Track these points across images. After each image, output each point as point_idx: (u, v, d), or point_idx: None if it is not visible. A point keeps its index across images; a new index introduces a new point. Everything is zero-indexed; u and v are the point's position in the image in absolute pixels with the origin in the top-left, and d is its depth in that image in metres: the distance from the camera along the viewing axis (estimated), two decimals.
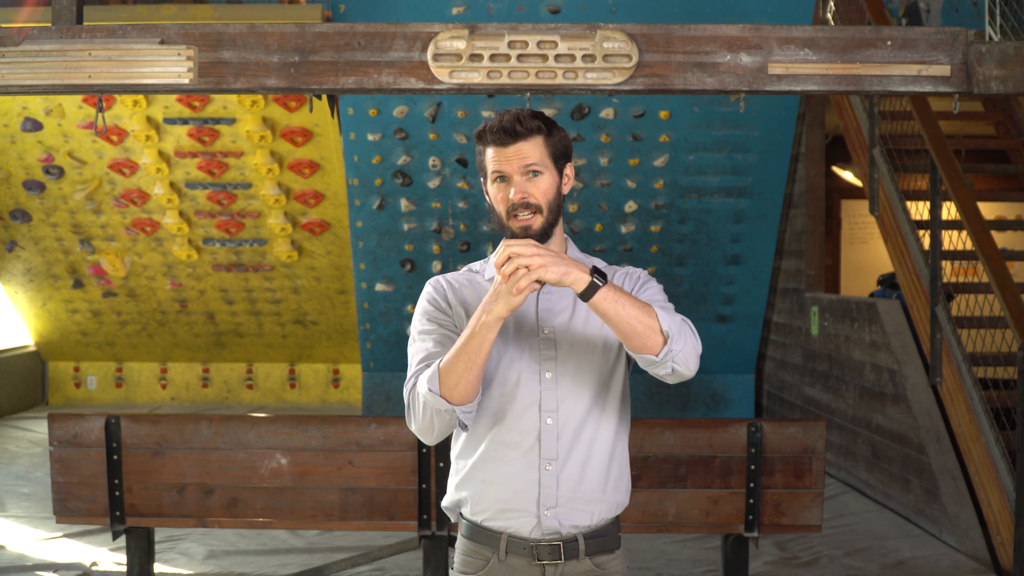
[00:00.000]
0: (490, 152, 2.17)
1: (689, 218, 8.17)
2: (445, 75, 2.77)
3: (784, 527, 4.09)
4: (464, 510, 2.23)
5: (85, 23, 2.90)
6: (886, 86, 2.78)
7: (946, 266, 5.93)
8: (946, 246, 5.95)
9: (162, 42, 2.79)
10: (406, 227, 8.15)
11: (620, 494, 2.22)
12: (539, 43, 2.76)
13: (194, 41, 2.79)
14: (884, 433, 6.34)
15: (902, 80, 2.78)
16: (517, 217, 2.14)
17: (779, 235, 8.54)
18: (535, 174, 2.15)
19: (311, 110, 3.07)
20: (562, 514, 2.15)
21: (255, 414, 5.12)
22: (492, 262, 2.26)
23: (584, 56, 2.76)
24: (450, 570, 2.28)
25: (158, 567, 4.95)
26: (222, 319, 9.72)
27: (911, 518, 5.97)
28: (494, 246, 8.09)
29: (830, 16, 7.29)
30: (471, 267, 2.31)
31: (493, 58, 2.76)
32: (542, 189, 2.15)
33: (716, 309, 8.65)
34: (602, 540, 2.20)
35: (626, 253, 8.33)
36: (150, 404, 10.06)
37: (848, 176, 9.97)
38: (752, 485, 4.01)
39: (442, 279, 2.26)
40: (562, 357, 2.16)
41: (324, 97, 7.51)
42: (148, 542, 4.36)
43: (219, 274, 9.31)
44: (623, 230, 8.21)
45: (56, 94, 3.64)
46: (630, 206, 8.05)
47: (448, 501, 2.27)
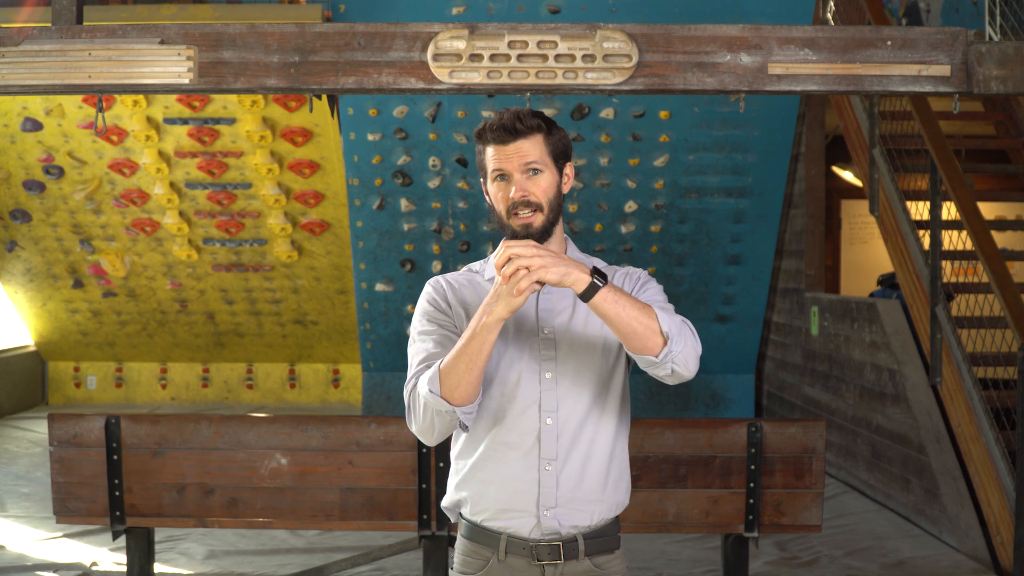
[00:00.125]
0: (490, 151, 2.17)
1: (689, 218, 8.17)
2: (445, 75, 2.77)
3: (784, 527, 4.09)
4: (464, 510, 2.23)
5: (85, 23, 2.90)
6: (886, 86, 2.78)
7: (946, 266, 5.93)
8: (946, 246, 5.95)
9: (162, 42, 2.79)
10: (406, 227, 8.15)
11: (620, 494, 2.22)
12: (539, 43, 2.76)
13: (194, 41, 2.79)
14: (884, 433, 6.34)
15: (902, 80, 2.78)
16: (517, 215, 2.14)
17: (779, 235, 8.54)
18: (535, 172, 2.15)
19: (311, 110, 3.07)
20: (562, 514, 2.15)
21: (255, 414, 5.12)
22: (492, 262, 2.26)
23: (584, 56, 2.76)
24: (450, 570, 2.28)
25: (158, 567, 4.95)
26: (222, 319, 9.72)
27: (911, 518, 5.97)
28: (494, 246, 8.09)
29: (830, 16, 7.29)
30: (471, 267, 2.31)
31: (493, 58, 2.76)
32: (542, 187, 2.15)
33: (716, 309, 8.65)
34: (602, 540, 2.20)
35: (626, 253, 8.32)
36: (150, 404, 10.06)
37: (848, 176, 9.97)
38: (752, 485, 4.01)
39: (442, 279, 2.26)
40: (562, 357, 2.16)
41: (324, 97, 7.51)
42: (148, 542, 4.36)
43: (219, 274, 9.31)
44: (623, 230, 8.21)
45: (56, 94, 3.64)
46: (630, 206, 8.05)
47: (448, 501, 2.26)
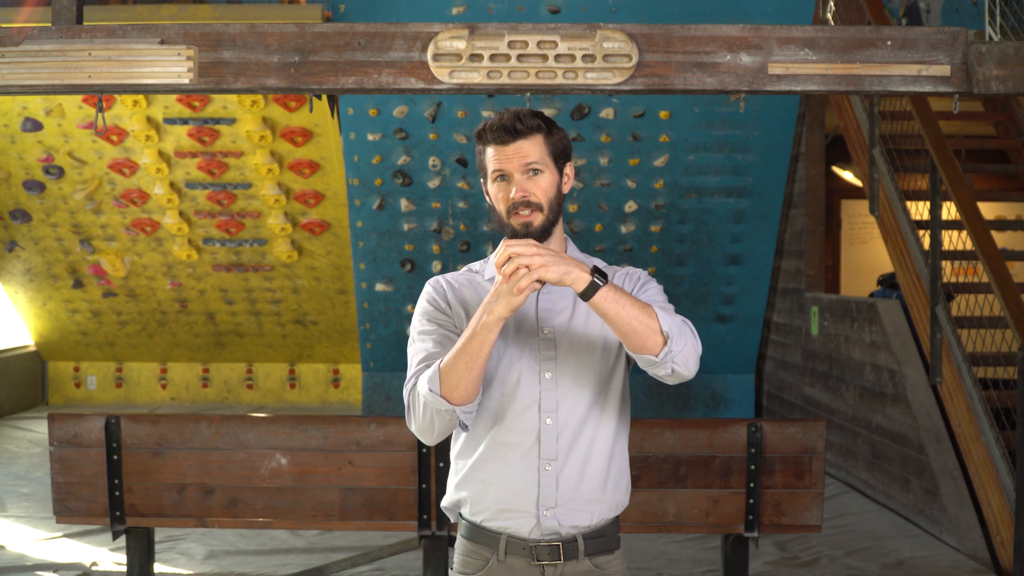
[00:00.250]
0: (490, 151, 2.17)
1: (689, 218, 8.17)
2: (445, 75, 2.77)
3: (784, 527, 4.08)
4: (463, 510, 2.23)
5: (85, 23, 2.90)
6: (886, 86, 2.78)
7: (946, 266, 5.93)
8: (946, 246, 5.95)
9: (162, 42, 2.79)
10: (406, 227, 8.15)
11: (620, 494, 2.22)
12: (539, 43, 2.76)
13: (194, 41, 2.79)
14: (884, 433, 6.34)
15: (902, 80, 2.78)
16: (518, 214, 2.14)
17: (779, 235, 8.54)
18: (535, 172, 2.15)
19: (311, 110, 3.07)
20: (561, 514, 2.15)
21: (255, 414, 5.12)
22: (492, 262, 2.26)
23: (584, 56, 2.76)
24: (450, 570, 2.28)
25: (158, 567, 4.95)
26: (222, 319, 9.72)
27: (911, 518, 5.97)
28: (494, 246, 8.09)
29: (830, 16, 7.29)
30: (471, 267, 2.31)
31: (493, 58, 2.76)
32: (543, 187, 2.15)
33: (716, 309, 8.65)
34: (602, 540, 2.20)
35: (626, 253, 8.32)
36: (150, 404, 10.06)
37: (848, 176, 9.97)
38: (752, 485, 4.01)
39: (442, 279, 2.26)
40: (562, 357, 2.16)
41: (324, 97, 7.51)
42: (148, 542, 4.36)
43: (219, 274, 9.31)
44: (623, 230, 8.21)
45: (56, 94, 3.64)
46: (630, 206, 8.05)
47: (447, 501, 2.26)
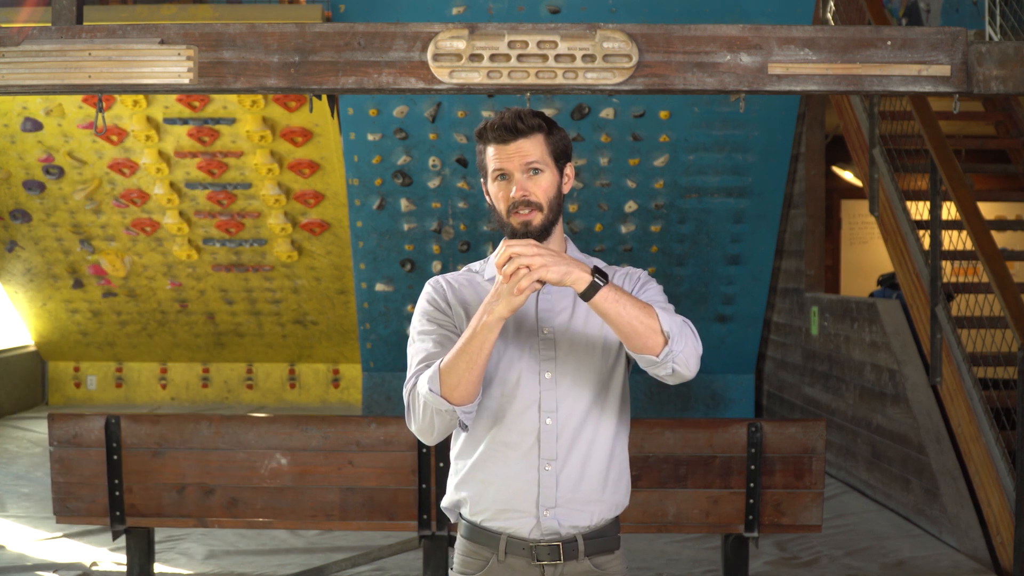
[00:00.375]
0: (491, 150, 2.17)
1: (689, 218, 8.17)
2: (445, 75, 2.77)
3: (784, 527, 4.08)
4: (463, 510, 2.23)
5: (85, 23, 2.90)
6: (886, 86, 2.78)
7: (946, 266, 5.93)
8: (946, 246, 5.95)
9: (162, 42, 2.79)
10: (406, 227, 8.15)
11: (620, 495, 2.22)
12: (539, 43, 2.76)
13: (194, 41, 2.79)
14: (884, 433, 6.34)
15: (902, 80, 2.78)
16: (518, 214, 2.14)
17: (779, 235, 8.54)
18: (536, 172, 2.15)
19: (311, 110, 3.07)
20: (561, 514, 2.15)
21: (255, 414, 5.12)
22: (492, 262, 2.26)
23: (584, 56, 2.76)
24: (450, 570, 2.28)
25: (158, 567, 4.95)
26: (222, 319, 9.72)
27: (911, 518, 5.97)
28: (494, 246, 8.09)
29: (830, 16, 7.29)
30: (471, 267, 2.31)
31: (493, 58, 2.76)
32: (543, 187, 2.15)
33: (716, 309, 8.65)
34: (602, 540, 2.19)
35: (626, 253, 8.32)
36: (150, 404, 10.06)
37: (848, 176, 9.97)
38: (752, 485, 4.01)
39: (442, 279, 2.26)
40: (562, 357, 2.16)
41: (324, 97, 7.51)
42: (148, 542, 4.36)
43: (219, 274, 9.31)
44: (623, 230, 8.21)
45: (56, 94, 3.64)
46: (630, 206, 8.05)
47: (447, 501, 2.26)
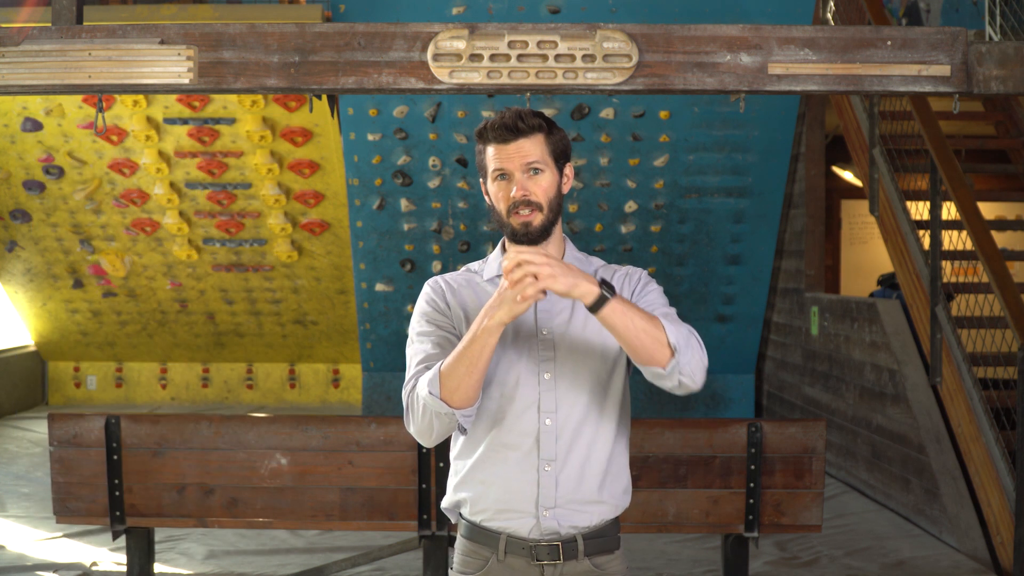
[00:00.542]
0: (491, 150, 2.17)
1: (689, 218, 8.17)
2: (445, 75, 2.77)
3: (784, 527, 4.08)
4: (463, 510, 2.22)
5: (85, 23, 2.90)
6: (886, 86, 2.78)
7: (946, 266, 5.93)
8: (946, 246, 5.95)
9: (162, 42, 2.79)
10: (406, 227, 8.15)
11: (619, 495, 2.22)
12: (539, 43, 2.76)
13: (194, 41, 2.79)
14: (884, 433, 6.34)
15: (902, 80, 2.78)
16: (518, 214, 2.14)
17: (779, 235, 8.54)
18: (536, 172, 2.15)
19: (311, 110, 3.07)
20: (561, 515, 2.15)
21: (255, 414, 5.12)
22: (491, 262, 2.26)
23: (584, 56, 2.76)
24: (450, 570, 2.28)
25: (158, 567, 4.95)
26: (222, 319, 9.72)
27: (911, 518, 5.97)
28: (494, 246, 8.06)
29: (830, 16, 7.29)
30: (470, 267, 2.31)
31: (493, 58, 2.76)
32: (543, 187, 2.15)
33: (716, 309, 8.65)
34: (601, 541, 2.19)
35: (626, 253, 8.32)
36: (150, 404, 10.06)
37: (848, 176, 9.97)
38: (752, 485, 4.01)
39: (440, 280, 2.26)
40: (561, 359, 2.16)
41: (324, 97, 7.51)
42: (148, 542, 4.36)
43: (219, 274, 9.31)
44: (623, 230, 8.21)
45: (56, 94, 3.64)
46: (630, 206, 8.05)
47: (448, 502, 2.26)
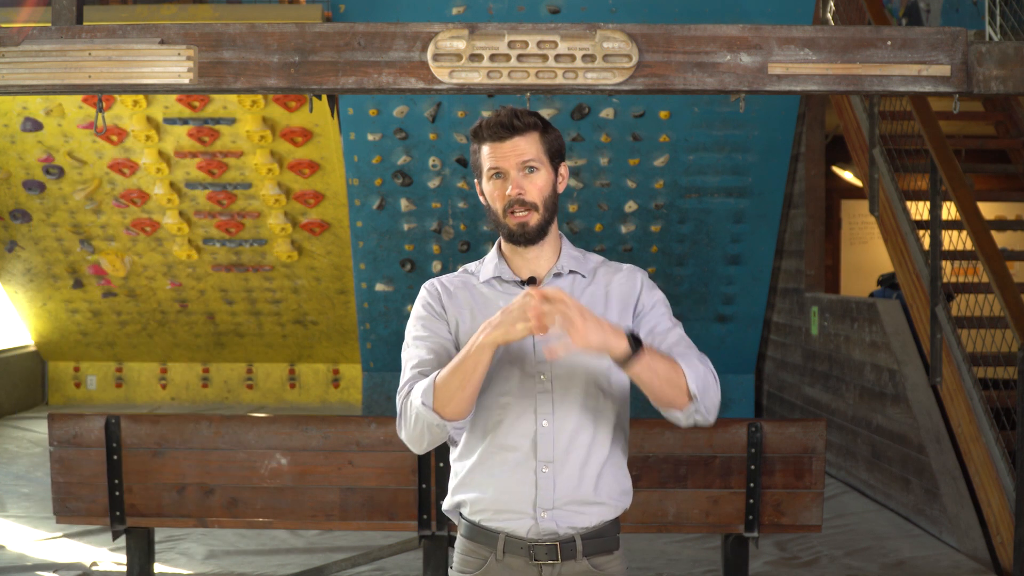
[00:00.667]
0: (486, 149, 2.17)
1: (689, 218, 8.17)
2: (445, 75, 2.77)
3: (784, 527, 4.08)
4: (463, 510, 2.23)
5: (85, 23, 2.91)
6: (886, 86, 2.79)
7: (946, 266, 5.93)
8: (946, 246, 5.95)
9: (162, 42, 2.79)
10: (406, 227, 8.15)
11: (619, 496, 2.21)
12: (539, 43, 2.76)
13: (194, 41, 2.79)
14: (884, 433, 6.34)
15: (902, 80, 2.78)
16: (514, 214, 2.14)
17: (779, 235, 8.54)
18: (532, 170, 2.15)
19: (311, 110, 3.07)
20: (559, 516, 2.15)
21: (255, 414, 5.12)
22: (487, 263, 2.26)
23: (584, 56, 2.76)
24: (450, 569, 2.28)
25: (158, 567, 4.95)
26: (222, 319, 9.72)
27: (911, 518, 5.97)
28: (493, 245, 8.08)
29: (830, 16, 7.29)
30: (466, 268, 2.31)
31: (493, 58, 2.76)
32: (538, 186, 2.15)
33: (716, 309, 8.65)
34: (600, 541, 2.19)
35: (626, 253, 8.32)
36: (150, 404, 10.06)
37: (848, 176, 9.97)
38: (752, 485, 4.01)
39: (437, 282, 2.26)
40: (558, 360, 2.16)
41: (324, 97, 7.51)
42: (148, 542, 4.36)
43: (219, 274, 9.31)
44: (623, 230, 8.21)
45: (56, 94, 3.64)
46: (630, 206, 8.05)
47: (448, 504, 2.27)
